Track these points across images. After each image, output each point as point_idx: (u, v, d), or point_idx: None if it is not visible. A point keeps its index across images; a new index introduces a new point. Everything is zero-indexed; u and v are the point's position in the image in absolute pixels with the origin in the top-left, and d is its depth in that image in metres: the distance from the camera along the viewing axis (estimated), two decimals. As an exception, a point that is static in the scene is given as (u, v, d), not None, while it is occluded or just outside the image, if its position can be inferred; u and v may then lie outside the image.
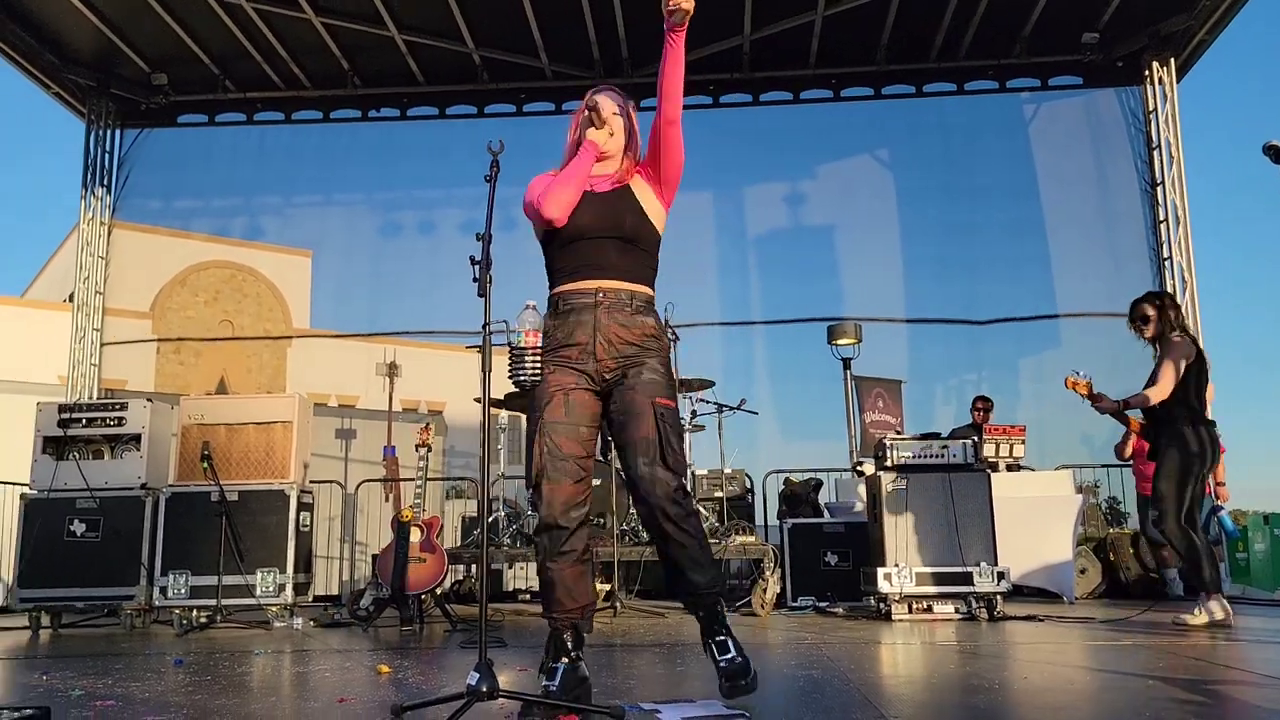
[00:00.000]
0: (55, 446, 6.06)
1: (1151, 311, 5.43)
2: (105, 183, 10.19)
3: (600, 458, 7.15)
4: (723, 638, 2.71)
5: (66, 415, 6.09)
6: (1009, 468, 7.30)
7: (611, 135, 2.96)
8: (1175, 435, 5.17)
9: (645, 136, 3.05)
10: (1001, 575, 5.72)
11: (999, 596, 5.71)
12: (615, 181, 2.95)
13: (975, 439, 6.33)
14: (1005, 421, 7.81)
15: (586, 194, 2.91)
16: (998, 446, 7.24)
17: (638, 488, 2.73)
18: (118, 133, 10.31)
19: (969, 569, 5.72)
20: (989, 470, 6.26)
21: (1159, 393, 5.18)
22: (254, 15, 8.88)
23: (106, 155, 10.21)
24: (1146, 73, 9.62)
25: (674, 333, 6.89)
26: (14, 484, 6.67)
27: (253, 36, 9.26)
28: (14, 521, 6.14)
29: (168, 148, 10.47)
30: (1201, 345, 5.55)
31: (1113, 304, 9.67)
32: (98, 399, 9.15)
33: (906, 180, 10.34)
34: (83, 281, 10.06)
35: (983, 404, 8.34)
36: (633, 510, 6.71)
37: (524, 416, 7.15)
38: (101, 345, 10.10)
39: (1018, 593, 6.70)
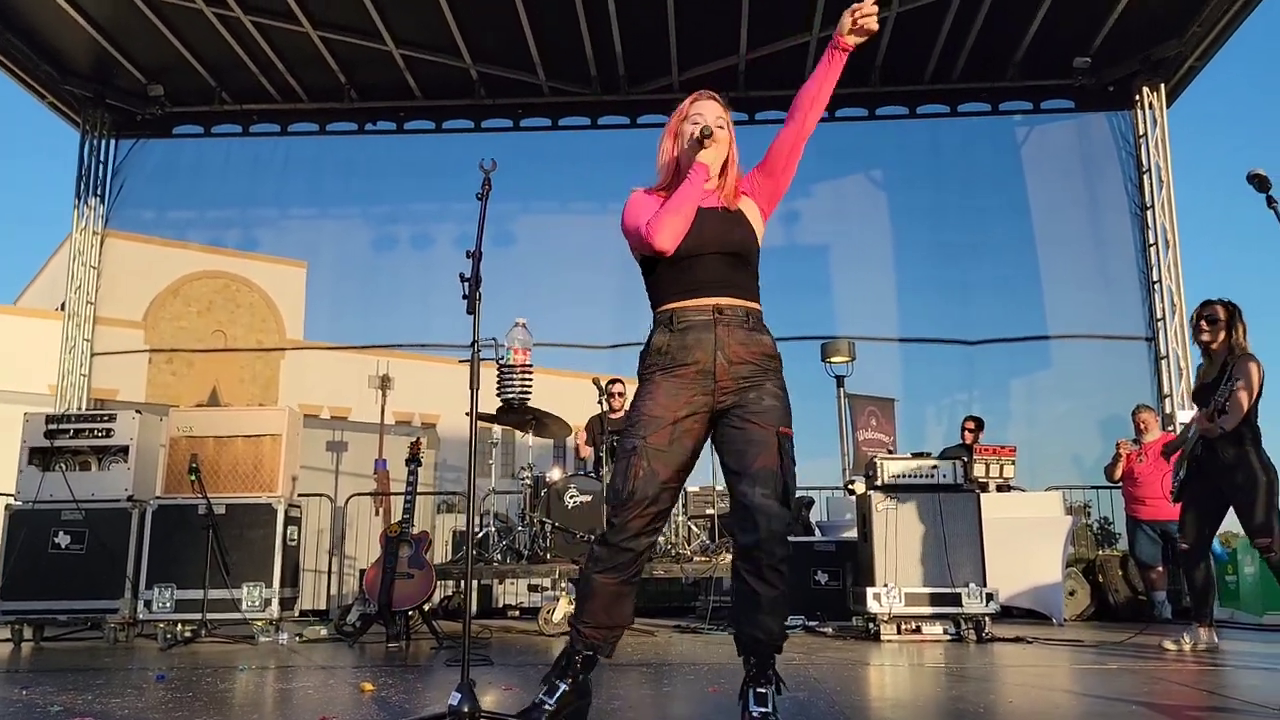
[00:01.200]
0: (42, 457, 6.03)
1: (1223, 314, 5.06)
2: (99, 192, 10.19)
3: (593, 474, 7.15)
4: (764, 690, 2.59)
5: (53, 426, 6.07)
6: (999, 488, 7.30)
7: (717, 144, 2.84)
8: (1258, 459, 4.86)
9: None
10: (990, 596, 5.70)
11: (987, 618, 5.70)
12: (722, 195, 2.85)
13: (965, 459, 6.33)
14: (996, 442, 7.82)
15: (700, 211, 2.79)
16: (988, 467, 7.25)
17: (752, 517, 2.58)
18: (113, 143, 10.32)
19: (958, 590, 5.71)
20: (979, 491, 6.25)
21: (1241, 413, 4.84)
22: (251, 28, 8.91)
23: (101, 165, 10.21)
24: (1137, 97, 9.71)
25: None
26: None
27: (250, 49, 9.29)
28: (-1, 533, 6.10)
29: (163, 158, 10.48)
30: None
31: (1103, 326, 9.76)
32: (87, 409, 9.11)
33: (900, 200, 10.40)
34: (74, 291, 10.05)
35: (973, 424, 8.34)
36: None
37: (516, 432, 7.15)
38: (92, 355, 10.07)
39: (1007, 614, 6.69)
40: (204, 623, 5.82)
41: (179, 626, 5.81)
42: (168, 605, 5.80)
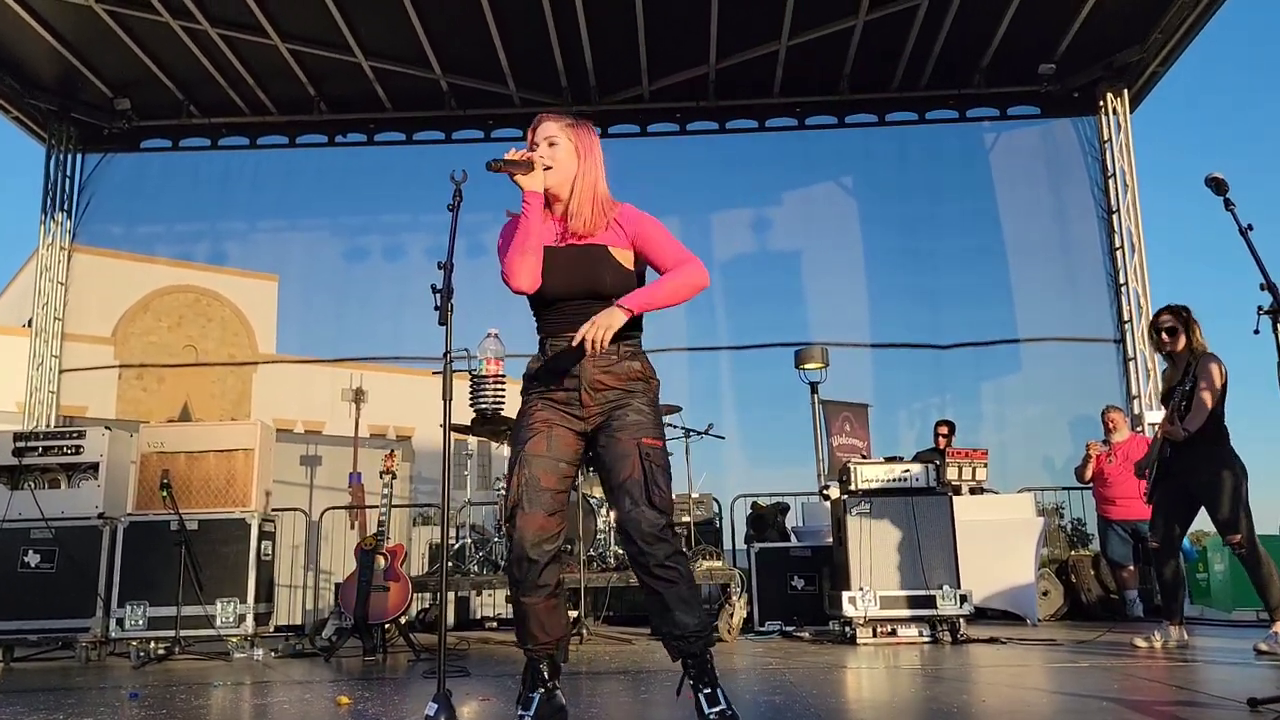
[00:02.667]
0: (10, 475, 5.95)
1: (1177, 321, 5.14)
2: (66, 207, 10.09)
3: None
4: (712, 689, 2.64)
5: (22, 444, 5.99)
6: (971, 491, 7.37)
7: (549, 169, 2.83)
8: (1224, 457, 4.94)
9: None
10: (964, 598, 5.76)
11: (962, 619, 5.75)
12: (577, 221, 2.83)
13: (938, 462, 6.39)
14: (968, 445, 7.90)
15: (560, 251, 2.81)
16: (960, 470, 7.32)
17: (625, 528, 2.68)
18: (79, 157, 10.22)
19: (932, 592, 5.76)
20: (951, 494, 6.31)
21: (1205, 413, 4.91)
22: (219, 40, 8.86)
23: (67, 180, 10.12)
24: (1101, 103, 9.86)
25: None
26: (-33, 514, 6.52)
27: (218, 61, 9.23)
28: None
29: (130, 172, 10.39)
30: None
31: (1071, 329, 9.88)
32: (56, 426, 9.00)
33: (870, 207, 10.50)
34: (41, 307, 9.93)
35: (945, 428, 8.42)
36: (599, 536, 6.70)
37: (492, 443, 7.14)
38: (60, 372, 9.95)
39: (981, 615, 6.76)
40: (177, 640, 5.76)
41: (152, 644, 5.75)
42: (140, 623, 5.73)
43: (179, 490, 5.89)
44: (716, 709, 2.60)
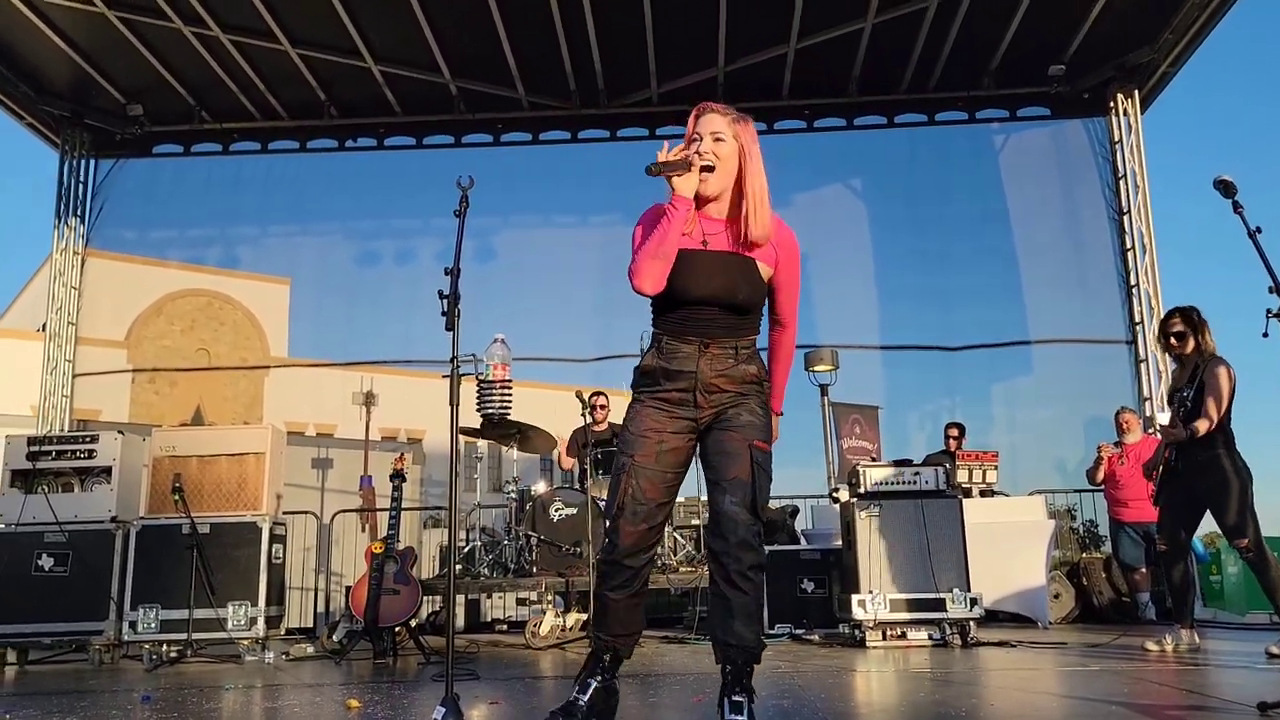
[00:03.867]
0: (24, 479, 5.99)
1: (1186, 325, 5.11)
2: (79, 212, 10.16)
3: (577, 486, 7.16)
4: (741, 699, 2.64)
5: (35, 448, 6.03)
6: (982, 493, 7.35)
7: (712, 170, 2.72)
8: (1230, 461, 4.90)
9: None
10: (974, 601, 5.74)
11: (972, 622, 5.73)
12: (734, 230, 2.79)
13: (948, 465, 6.37)
14: (978, 447, 7.87)
15: (698, 256, 2.74)
16: (970, 472, 7.30)
17: (720, 524, 2.67)
18: (92, 162, 10.30)
19: (942, 595, 5.75)
20: (961, 496, 6.30)
21: (1215, 417, 4.87)
22: (230, 47, 8.92)
23: (80, 185, 10.19)
24: (1111, 104, 9.83)
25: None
26: (-18, 517, 6.57)
27: (229, 68, 9.29)
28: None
29: (143, 178, 10.46)
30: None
31: (1083, 330, 9.85)
32: (69, 430, 9.06)
33: (879, 209, 10.49)
34: (55, 312, 10.00)
35: (956, 430, 8.39)
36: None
37: (502, 447, 7.15)
38: (74, 376, 10.02)
39: (992, 618, 6.73)
40: (189, 643, 5.78)
41: (164, 647, 5.78)
42: (153, 626, 5.77)
43: (191, 494, 5.93)
44: (736, 717, 2.60)
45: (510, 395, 2.82)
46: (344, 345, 11.11)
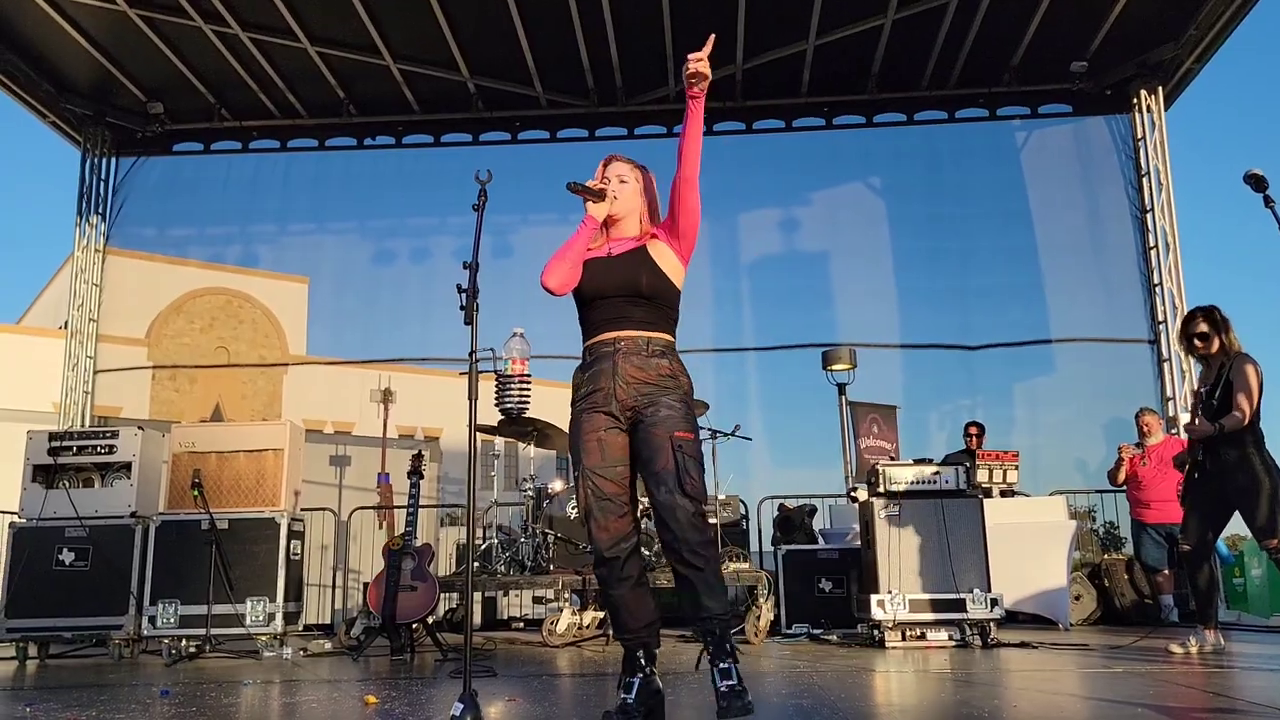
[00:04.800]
0: (45, 475, 6.04)
1: (1209, 328, 5.04)
2: (100, 210, 10.22)
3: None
4: (727, 665, 2.80)
5: (57, 443, 6.08)
6: (1002, 493, 7.29)
7: (615, 200, 3.11)
8: (1260, 460, 4.81)
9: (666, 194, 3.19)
10: (995, 602, 5.69)
11: (993, 623, 5.69)
12: (634, 242, 3.13)
13: (968, 465, 6.32)
14: (998, 447, 7.80)
15: (605, 260, 3.10)
16: (991, 472, 7.24)
17: (660, 515, 2.88)
18: (113, 161, 10.35)
19: (962, 596, 5.70)
20: (982, 496, 6.25)
21: (1247, 411, 4.80)
22: (250, 45, 8.95)
23: (102, 183, 10.25)
24: (1135, 101, 9.73)
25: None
26: (3, 513, 6.63)
27: (249, 66, 9.33)
28: (2, 550, 6.11)
29: (163, 176, 10.51)
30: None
31: (1105, 329, 9.76)
32: (90, 426, 9.12)
33: (898, 207, 10.41)
34: (76, 309, 10.07)
35: (975, 429, 8.33)
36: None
37: (519, 444, 7.15)
38: (95, 372, 10.08)
39: (1012, 619, 6.67)
40: (208, 638, 5.82)
41: (183, 642, 5.81)
42: (172, 621, 5.80)
43: (210, 490, 5.95)
44: (728, 683, 2.76)
45: (529, 390, 2.80)
46: (362, 343, 11.12)
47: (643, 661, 2.97)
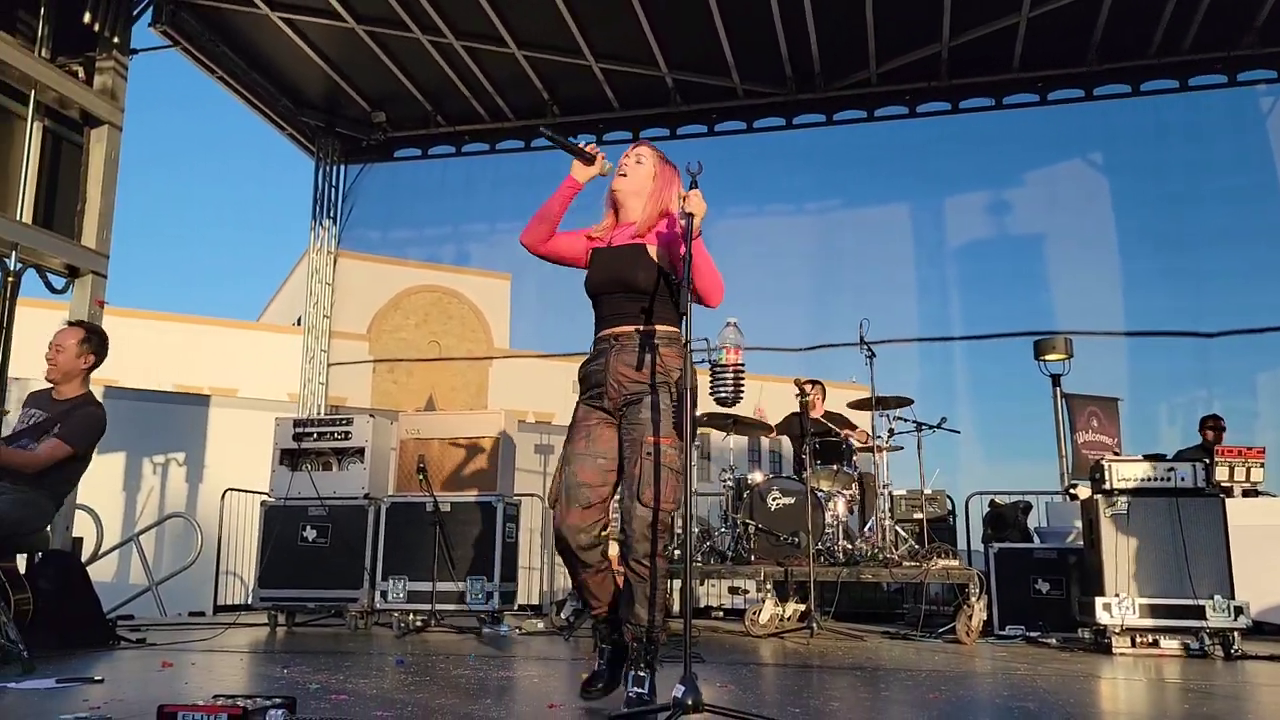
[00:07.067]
0: (290, 458, 6.61)
1: None
2: (331, 215, 11.05)
3: (794, 476, 7.10)
4: (643, 674, 2.93)
5: (300, 430, 6.64)
6: (1245, 493, 6.67)
7: (624, 175, 3.29)
8: None
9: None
10: (1239, 610, 5.24)
11: (1236, 633, 5.23)
12: (634, 236, 3.20)
13: (1206, 461, 5.84)
14: (1241, 443, 7.15)
15: (605, 251, 3.23)
16: (1232, 470, 6.63)
17: (622, 517, 3.00)
18: (342, 168, 11.17)
19: (1201, 602, 5.28)
20: (1223, 495, 5.75)
21: None
22: (463, 52, 9.42)
23: (332, 190, 11.08)
24: (1407, 56, 8.64)
25: (869, 349, 6.75)
26: (256, 493, 7.31)
27: (462, 73, 9.82)
28: (256, 527, 6.74)
29: (385, 180, 11.24)
30: None
31: (1370, 313, 8.73)
32: (325, 415, 9.89)
33: (1123, 184, 9.70)
34: (312, 307, 10.94)
35: (1213, 423, 7.69)
36: (827, 530, 6.60)
37: (712, 435, 7.19)
38: (329, 365, 10.93)
39: (1259, 630, 6.11)
40: (433, 613, 6.20)
41: (411, 616, 6.22)
42: (401, 596, 6.22)
43: (433, 474, 6.34)
44: (637, 690, 2.90)
45: (744, 380, 2.79)
46: (562, 337, 11.50)
47: (606, 630, 3.15)
